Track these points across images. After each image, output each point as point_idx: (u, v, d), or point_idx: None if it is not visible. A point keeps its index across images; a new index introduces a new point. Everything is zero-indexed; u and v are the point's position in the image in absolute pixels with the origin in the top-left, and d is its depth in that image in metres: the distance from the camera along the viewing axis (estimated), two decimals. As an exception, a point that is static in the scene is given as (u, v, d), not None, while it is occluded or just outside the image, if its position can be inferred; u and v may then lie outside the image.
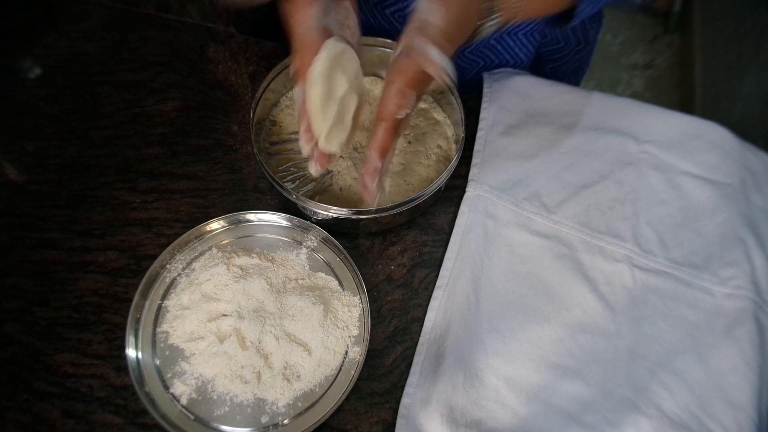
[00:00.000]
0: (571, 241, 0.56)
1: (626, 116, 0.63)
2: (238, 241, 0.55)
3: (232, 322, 0.48)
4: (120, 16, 0.72)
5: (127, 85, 0.66)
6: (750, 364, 0.49)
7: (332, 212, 0.52)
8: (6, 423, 0.47)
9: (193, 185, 0.60)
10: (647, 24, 1.97)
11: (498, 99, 0.64)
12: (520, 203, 0.57)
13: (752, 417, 0.47)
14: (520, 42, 0.70)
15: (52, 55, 0.69)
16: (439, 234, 0.57)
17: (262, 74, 0.67)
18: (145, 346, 0.49)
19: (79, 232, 0.56)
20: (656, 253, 0.55)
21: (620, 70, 1.88)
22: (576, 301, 0.52)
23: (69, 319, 0.52)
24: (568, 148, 0.61)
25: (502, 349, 0.49)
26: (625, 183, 0.59)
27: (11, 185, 0.60)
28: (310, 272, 0.53)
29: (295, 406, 0.47)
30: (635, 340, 0.50)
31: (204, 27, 0.71)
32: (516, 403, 0.47)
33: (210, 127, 0.64)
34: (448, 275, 0.54)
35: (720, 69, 1.59)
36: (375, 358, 0.51)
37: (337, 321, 0.50)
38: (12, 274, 0.54)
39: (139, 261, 0.55)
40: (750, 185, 0.59)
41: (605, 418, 0.46)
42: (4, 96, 0.66)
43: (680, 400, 0.48)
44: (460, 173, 0.59)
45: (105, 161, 0.61)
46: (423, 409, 0.47)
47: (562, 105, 0.64)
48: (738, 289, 0.53)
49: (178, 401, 0.47)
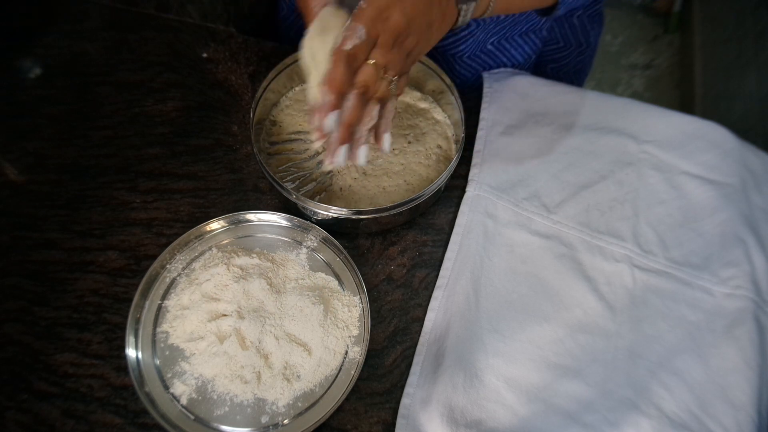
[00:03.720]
0: (571, 241, 0.56)
1: (626, 116, 0.63)
2: (238, 241, 0.55)
3: (232, 322, 0.48)
4: (120, 16, 0.72)
5: (127, 85, 0.66)
6: (750, 364, 0.49)
7: (332, 212, 0.52)
8: (6, 423, 0.47)
9: (193, 185, 0.60)
10: (647, 24, 1.97)
11: (498, 99, 0.64)
12: (520, 203, 0.57)
13: (752, 417, 0.47)
14: (519, 47, 0.70)
15: (52, 55, 0.69)
16: (439, 234, 0.57)
17: (262, 74, 0.67)
18: (145, 346, 0.49)
19: (79, 232, 0.56)
20: (656, 253, 0.55)
21: (620, 70, 1.88)
22: (576, 301, 0.52)
23: (69, 319, 0.52)
24: (568, 148, 0.61)
25: (502, 349, 0.49)
26: (625, 183, 0.59)
27: (11, 185, 0.60)
28: (310, 272, 0.53)
29: (295, 406, 0.47)
30: (635, 340, 0.50)
31: (204, 27, 0.71)
32: (516, 403, 0.47)
33: (210, 127, 0.64)
34: (448, 275, 0.54)
35: (720, 69, 1.59)
36: (375, 358, 0.51)
37: (337, 321, 0.50)
38: (12, 274, 0.54)
39: (139, 261, 0.55)
40: (750, 185, 0.59)
41: (605, 418, 0.46)
42: (4, 96, 0.66)
43: (680, 400, 0.48)
44: (460, 173, 0.59)
45: (105, 161, 0.61)
46: (423, 409, 0.47)
47: (562, 105, 0.64)
48: (738, 289, 0.53)
49: (178, 401, 0.47)
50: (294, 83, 0.63)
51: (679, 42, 1.91)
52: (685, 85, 1.78)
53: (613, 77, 1.86)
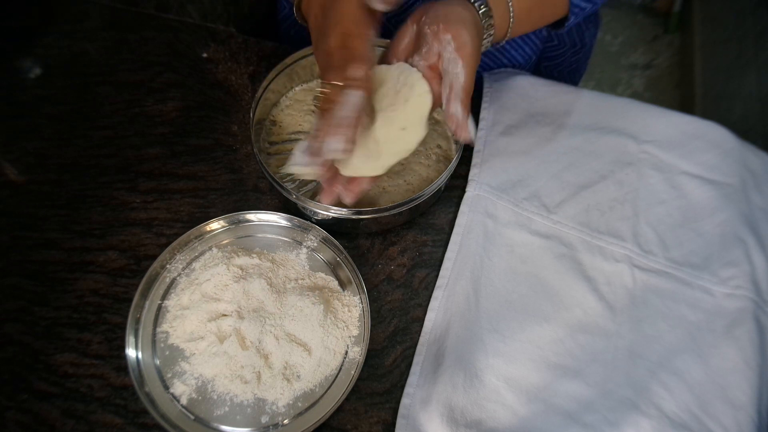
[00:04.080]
0: (571, 241, 0.56)
1: (626, 116, 0.63)
2: (238, 241, 0.55)
3: (232, 322, 0.48)
4: (120, 16, 0.72)
5: (127, 85, 0.66)
6: (750, 364, 0.49)
7: (332, 212, 0.52)
8: (6, 423, 0.47)
9: (193, 185, 0.60)
10: (647, 24, 1.97)
11: (498, 99, 0.64)
12: (520, 203, 0.57)
13: (752, 417, 0.47)
14: (519, 47, 0.70)
15: (52, 55, 0.69)
16: (439, 234, 0.57)
17: (262, 74, 0.67)
18: (145, 346, 0.49)
19: (79, 232, 0.56)
20: (656, 253, 0.55)
21: (620, 70, 1.88)
22: (576, 301, 0.52)
23: (69, 319, 0.52)
24: (568, 148, 0.61)
25: (502, 349, 0.49)
26: (625, 183, 0.59)
27: (11, 185, 0.60)
28: (310, 272, 0.53)
29: (295, 406, 0.47)
30: (635, 340, 0.50)
31: (204, 27, 0.71)
32: (516, 403, 0.47)
33: (210, 127, 0.64)
34: (448, 275, 0.54)
35: (720, 69, 1.59)
36: (375, 358, 0.51)
37: (337, 321, 0.50)
38: (12, 274, 0.54)
39: (139, 261, 0.55)
40: (750, 185, 0.59)
41: (605, 418, 0.46)
42: (4, 96, 0.66)
43: (680, 400, 0.48)
44: (460, 173, 0.59)
45: (105, 161, 0.61)
46: (423, 409, 0.47)
47: (562, 105, 0.64)
48: (738, 289, 0.53)
49: (178, 401, 0.47)
50: (294, 83, 0.63)
51: (679, 42, 1.91)
52: (685, 85, 1.78)
53: (613, 77, 1.86)
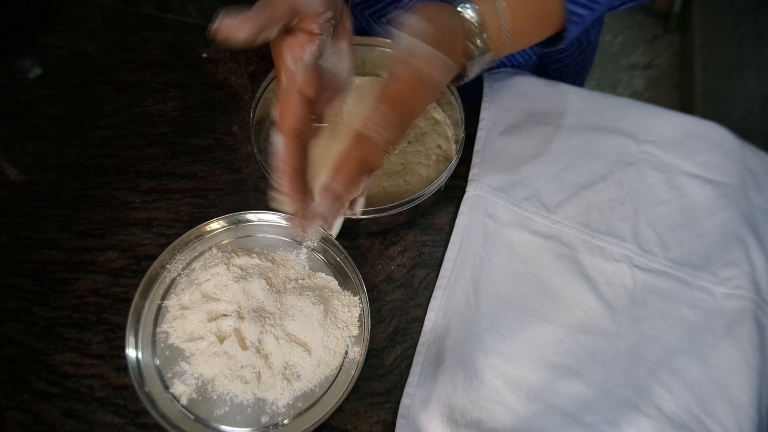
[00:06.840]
0: (571, 241, 0.56)
1: (626, 116, 0.63)
2: (238, 241, 0.55)
3: (232, 322, 0.48)
4: (120, 16, 0.72)
5: (127, 85, 0.66)
6: (750, 364, 0.49)
7: (332, 212, 0.51)
8: (6, 423, 0.47)
9: (193, 185, 0.60)
10: (647, 24, 1.97)
11: (498, 99, 0.64)
12: (520, 203, 0.57)
13: (752, 417, 0.47)
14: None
15: (52, 55, 0.69)
16: (439, 234, 0.57)
17: (262, 74, 0.67)
18: (145, 346, 0.49)
19: (79, 232, 0.56)
20: (656, 253, 0.55)
21: (620, 70, 1.88)
22: (576, 301, 0.52)
23: (69, 319, 0.52)
24: (568, 148, 0.61)
25: (502, 349, 0.49)
26: (625, 183, 0.59)
27: (11, 185, 0.60)
28: (310, 272, 0.53)
29: (295, 406, 0.47)
30: (635, 340, 0.50)
31: (204, 27, 0.71)
32: (516, 403, 0.47)
33: (210, 127, 0.64)
34: (448, 275, 0.54)
35: (720, 69, 1.59)
36: (375, 358, 0.51)
37: (337, 321, 0.50)
38: (12, 274, 0.54)
39: (139, 261, 0.55)
40: (750, 185, 0.59)
41: (605, 418, 0.46)
42: (4, 96, 0.66)
43: (680, 400, 0.48)
44: (460, 173, 0.59)
45: (105, 161, 0.61)
46: (423, 409, 0.47)
47: (562, 105, 0.64)
48: (738, 289, 0.53)
49: (178, 401, 0.47)
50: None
51: (679, 42, 1.91)
52: (685, 85, 1.78)
53: (613, 77, 1.86)
